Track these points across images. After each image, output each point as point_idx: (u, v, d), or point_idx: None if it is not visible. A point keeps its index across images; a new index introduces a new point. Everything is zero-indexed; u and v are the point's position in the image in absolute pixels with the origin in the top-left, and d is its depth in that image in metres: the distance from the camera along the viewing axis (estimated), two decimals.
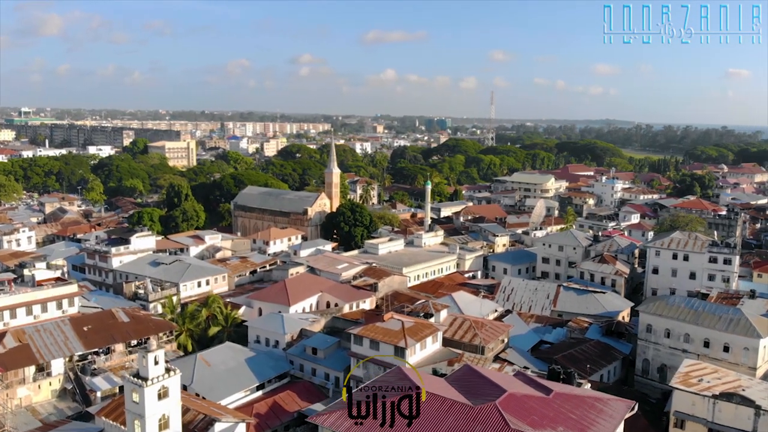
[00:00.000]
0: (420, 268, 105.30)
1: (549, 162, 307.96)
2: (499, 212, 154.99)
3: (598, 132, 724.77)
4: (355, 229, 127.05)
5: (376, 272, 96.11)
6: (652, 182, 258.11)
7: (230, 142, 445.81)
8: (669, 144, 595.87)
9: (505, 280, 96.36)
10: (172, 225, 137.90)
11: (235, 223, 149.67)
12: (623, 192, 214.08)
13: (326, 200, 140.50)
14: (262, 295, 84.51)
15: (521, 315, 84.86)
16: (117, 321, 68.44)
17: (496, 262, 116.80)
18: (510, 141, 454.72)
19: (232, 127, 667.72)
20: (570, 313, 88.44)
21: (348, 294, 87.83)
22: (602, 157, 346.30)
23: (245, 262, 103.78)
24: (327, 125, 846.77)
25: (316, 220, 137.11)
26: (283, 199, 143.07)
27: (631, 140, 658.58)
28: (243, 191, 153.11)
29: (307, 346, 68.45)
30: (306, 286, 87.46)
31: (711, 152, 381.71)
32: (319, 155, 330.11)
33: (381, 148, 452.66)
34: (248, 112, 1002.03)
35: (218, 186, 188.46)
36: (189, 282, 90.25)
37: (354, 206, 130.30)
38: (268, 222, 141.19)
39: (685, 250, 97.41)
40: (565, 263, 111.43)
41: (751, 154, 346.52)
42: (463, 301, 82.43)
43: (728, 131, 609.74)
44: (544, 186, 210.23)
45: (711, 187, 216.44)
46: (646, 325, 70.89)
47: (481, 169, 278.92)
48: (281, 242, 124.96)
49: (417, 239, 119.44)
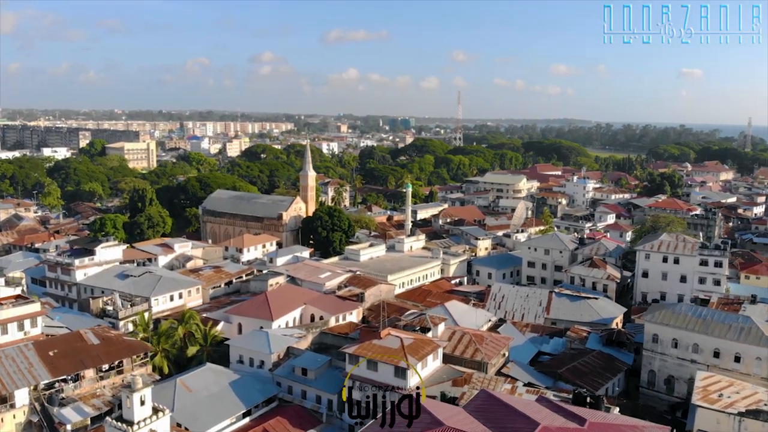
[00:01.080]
0: (405, 275, 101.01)
1: (517, 162, 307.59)
2: (477, 214, 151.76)
3: (559, 131, 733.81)
4: (333, 234, 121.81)
5: (361, 281, 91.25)
6: (620, 181, 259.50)
7: (191, 142, 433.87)
8: (629, 143, 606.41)
9: (495, 287, 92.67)
10: (136, 232, 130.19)
11: (204, 229, 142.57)
12: (594, 192, 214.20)
13: (301, 204, 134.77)
14: (242, 309, 78.75)
15: (515, 324, 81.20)
16: (86, 344, 61.95)
17: (480, 266, 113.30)
18: (475, 141, 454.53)
19: (192, 127, 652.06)
20: (564, 320, 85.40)
21: (333, 306, 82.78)
22: (568, 156, 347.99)
23: (219, 272, 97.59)
24: (290, 125, 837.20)
25: (292, 225, 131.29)
26: (256, 203, 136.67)
27: (592, 139, 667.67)
28: (212, 195, 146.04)
29: (296, 367, 63.26)
30: (288, 299, 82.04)
31: (673, 151, 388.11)
32: (286, 156, 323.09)
33: (347, 148, 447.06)
34: (207, 111, 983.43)
35: (183, 189, 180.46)
36: (161, 296, 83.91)
37: (332, 210, 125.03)
38: (239, 228, 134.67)
39: (676, 253, 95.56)
40: (552, 267, 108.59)
41: (712, 152, 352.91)
42: (457, 311, 78.36)
43: (686, 129, 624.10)
44: (517, 186, 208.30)
45: (680, 186, 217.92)
46: (652, 335, 67.90)
47: (451, 169, 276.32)
48: (255, 249, 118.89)
49: (399, 244, 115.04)
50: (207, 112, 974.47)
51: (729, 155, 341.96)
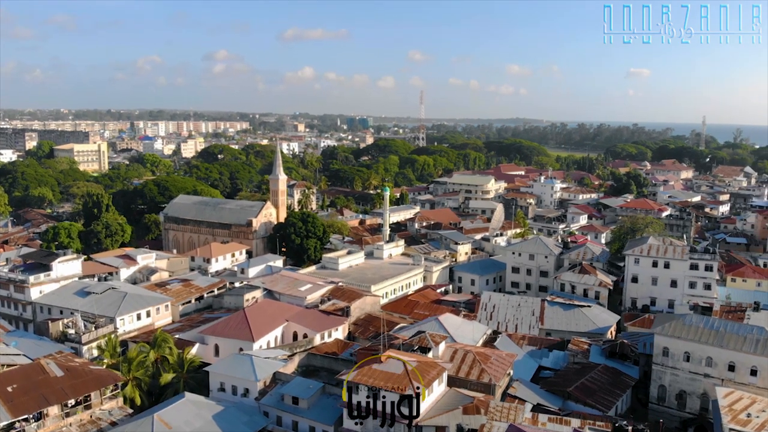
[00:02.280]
0: (388, 285, 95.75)
1: (480, 162, 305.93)
2: (452, 217, 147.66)
3: (515, 131, 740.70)
4: (308, 241, 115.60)
5: (345, 293, 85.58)
6: (582, 180, 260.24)
7: (143, 143, 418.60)
8: (583, 141, 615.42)
9: (485, 296, 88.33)
10: (93, 242, 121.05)
11: (166, 237, 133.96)
12: (562, 192, 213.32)
13: (272, 210, 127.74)
14: (219, 329, 72.10)
15: (511, 337, 76.96)
16: (48, 376, 54.65)
17: (462, 272, 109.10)
18: (436, 141, 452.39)
19: (143, 127, 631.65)
20: (559, 331, 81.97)
21: (317, 321, 76.90)
22: (529, 156, 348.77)
23: (189, 286, 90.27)
24: (245, 124, 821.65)
25: (262, 232, 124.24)
26: (223, 209, 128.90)
27: (547, 138, 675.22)
28: (174, 201, 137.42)
29: (286, 395, 57.27)
30: (269, 316, 75.80)
31: (630, 149, 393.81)
32: (245, 156, 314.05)
33: (307, 148, 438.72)
34: (158, 110, 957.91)
35: (140, 194, 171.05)
36: (127, 315, 76.50)
37: (305, 216, 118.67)
38: (205, 235, 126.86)
39: (666, 257, 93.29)
40: (537, 272, 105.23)
41: (669, 151, 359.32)
42: (451, 325, 73.40)
43: (639, 128, 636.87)
44: (485, 187, 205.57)
45: (646, 186, 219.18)
46: (662, 349, 64.47)
47: (416, 169, 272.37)
48: (224, 259, 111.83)
49: (378, 251, 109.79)
50: (158, 111, 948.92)
51: (685, 154, 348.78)
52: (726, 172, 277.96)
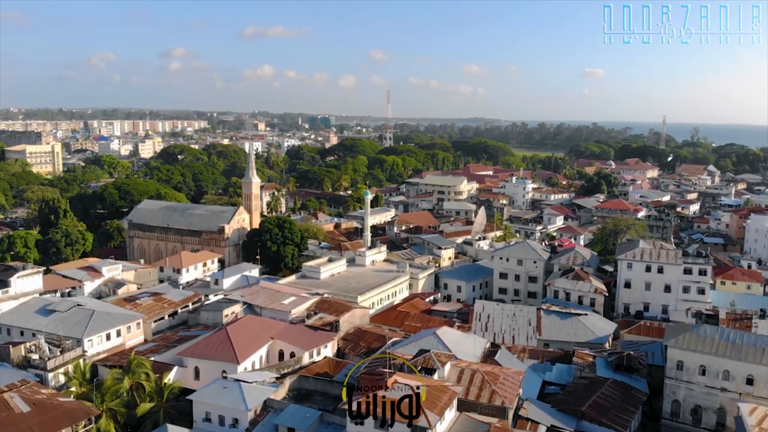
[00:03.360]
0: (375, 295, 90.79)
1: (449, 162, 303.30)
2: (431, 220, 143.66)
3: (476, 130, 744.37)
4: (285, 248, 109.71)
5: (331, 306, 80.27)
6: (551, 180, 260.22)
7: (99, 143, 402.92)
8: (544, 141, 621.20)
9: (478, 305, 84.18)
10: (52, 251, 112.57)
11: (130, 245, 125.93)
12: (533, 192, 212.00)
13: (245, 215, 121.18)
14: (200, 350, 65.92)
15: (511, 350, 72.93)
16: (13, 412, 48.24)
17: (448, 279, 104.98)
18: (401, 140, 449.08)
19: (98, 127, 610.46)
20: (557, 341, 78.36)
21: (305, 338, 71.41)
22: (496, 156, 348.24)
23: (161, 300, 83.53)
24: (203, 122, 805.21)
25: (235, 239, 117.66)
26: (192, 215, 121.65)
27: (509, 138, 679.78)
28: (139, 206, 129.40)
29: (281, 426, 51.88)
30: (253, 333, 69.96)
31: (594, 149, 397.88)
32: (207, 157, 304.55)
33: (270, 147, 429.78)
34: (112, 109, 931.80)
35: (99, 198, 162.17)
36: (95, 335, 69.53)
37: (281, 221, 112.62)
38: (173, 243, 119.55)
39: (660, 262, 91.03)
40: (525, 278, 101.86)
41: (631, 150, 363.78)
42: (450, 339, 69.02)
43: (598, 127, 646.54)
44: (458, 188, 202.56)
45: (616, 185, 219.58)
46: (677, 362, 61.34)
47: (385, 170, 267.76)
48: (195, 269, 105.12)
49: (360, 257, 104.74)
50: (112, 110, 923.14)
51: (648, 152, 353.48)
52: (690, 171, 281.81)
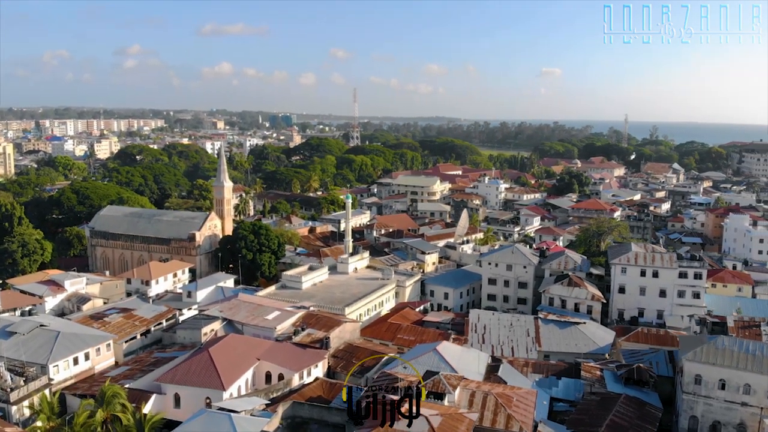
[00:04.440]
0: (362, 306, 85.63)
1: (417, 162, 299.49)
2: (410, 223, 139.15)
3: (439, 129, 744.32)
4: (261, 255, 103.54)
5: (319, 320, 74.83)
6: (519, 179, 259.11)
7: (52, 144, 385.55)
8: (506, 140, 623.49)
9: (473, 316, 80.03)
10: (8, 262, 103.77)
11: (93, 254, 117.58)
12: (506, 192, 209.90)
13: (217, 221, 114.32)
14: (180, 375, 59.74)
15: (513, 363, 68.89)
16: None
17: (435, 286, 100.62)
18: (367, 139, 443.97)
19: (50, 126, 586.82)
20: (558, 353, 74.87)
21: (293, 358, 65.92)
22: (463, 155, 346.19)
23: (131, 317, 76.66)
24: (159, 121, 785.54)
25: (207, 247, 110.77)
26: (160, 221, 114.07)
27: (471, 137, 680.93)
28: (102, 212, 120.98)
29: None
30: (237, 354, 64.12)
31: (558, 147, 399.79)
32: (167, 157, 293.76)
33: (231, 146, 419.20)
34: (64, 108, 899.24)
35: (56, 203, 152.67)
36: (62, 360, 62.59)
37: (257, 227, 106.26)
38: (139, 252, 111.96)
39: (655, 266, 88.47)
40: (515, 284, 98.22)
41: (596, 149, 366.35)
42: (452, 356, 64.37)
43: (559, 126, 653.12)
44: (431, 189, 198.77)
45: (587, 185, 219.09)
46: (694, 376, 58.09)
47: (354, 170, 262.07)
48: (165, 280, 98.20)
49: (342, 265, 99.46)
50: (64, 109, 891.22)
51: (611, 151, 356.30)
52: (655, 169, 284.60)
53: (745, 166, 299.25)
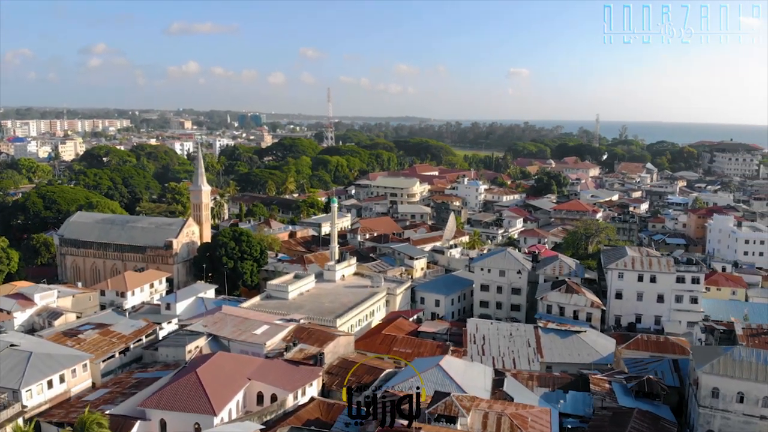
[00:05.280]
0: (353, 317, 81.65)
1: (394, 163, 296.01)
2: (394, 226, 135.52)
3: (411, 129, 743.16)
4: (243, 263, 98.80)
5: (312, 334, 70.63)
6: (496, 180, 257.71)
7: (15, 145, 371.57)
8: (477, 140, 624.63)
9: (471, 325, 76.91)
10: None
11: (62, 263, 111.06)
12: (485, 193, 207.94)
13: (194, 227, 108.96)
14: (166, 399, 55.01)
15: (517, 377, 65.79)
16: None
17: (425, 293, 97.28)
18: (340, 139, 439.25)
19: (12, 127, 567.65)
20: (561, 363, 72.18)
21: (286, 376, 61.61)
22: (438, 155, 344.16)
23: (108, 334, 71.35)
24: (125, 121, 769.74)
25: (184, 255, 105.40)
26: (134, 228, 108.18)
27: (443, 137, 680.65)
28: (72, 219, 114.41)
29: None
30: (227, 374, 59.60)
31: (531, 148, 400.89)
32: (135, 158, 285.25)
33: (200, 147, 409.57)
34: (26, 108, 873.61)
35: (21, 208, 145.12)
36: (35, 384, 57.27)
37: (238, 233, 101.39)
38: (113, 261, 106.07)
39: (652, 271, 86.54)
40: (508, 290, 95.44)
41: (568, 149, 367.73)
42: (456, 371, 60.99)
43: (530, 126, 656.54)
44: (411, 190, 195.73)
45: (566, 185, 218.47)
46: (711, 390, 55.74)
47: (329, 170, 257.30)
48: (141, 291, 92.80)
49: (329, 272, 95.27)
50: (26, 109, 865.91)
51: (584, 151, 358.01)
52: (629, 169, 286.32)
53: (716, 165, 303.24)
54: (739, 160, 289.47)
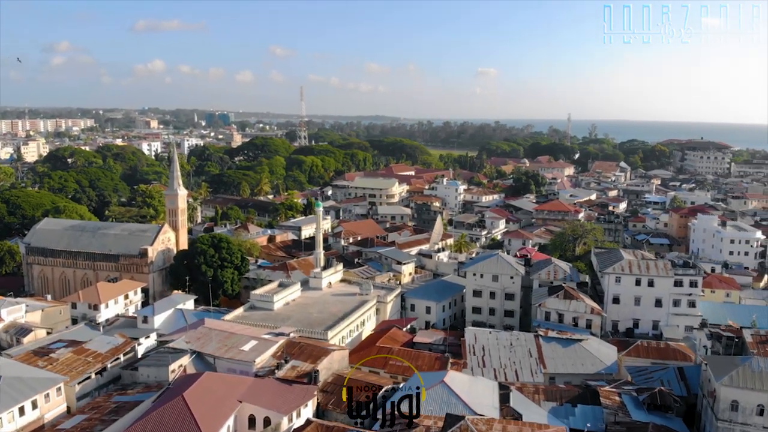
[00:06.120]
0: (344, 328, 77.55)
1: (369, 163, 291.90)
2: (378, 229, 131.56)
3: (383, 128, 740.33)
4: (223, 272, 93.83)
5: (303, 350, 66.32)
6: (473, 180, 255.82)
7: None
8: (449, 139, 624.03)
9: (469, 335, 73.60)
10: None
11: (29, 273, 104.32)
12: (465, 194, 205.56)
13: (170, 233, 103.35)
14: (151, 427, 50.17)
15: (522, 390, 62.59)
16: None
17: (415, 299, 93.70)
18: (313, 139, 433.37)
19: None
20: (565, 374, 69.38)
21: (279, 397, 57.28)
22: (413, 155, 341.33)
23: (83, 352, 65.92)
24: (89, 121, 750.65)
25: (160, 263, 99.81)
26: (106, 235, 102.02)
27: (415, 136, 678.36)
28: (39, 226, 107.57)
29: None
30: (216, 398, 55.01)
31: (504, 147, 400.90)
32: (102, 160, 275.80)
33: (169, 146, 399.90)
34: None
35: None
36: (5, 412, 52.00)
37: (217, 240, 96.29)
38: (83, 270, 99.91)
39: (650, 275, 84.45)
40: (501, 296, 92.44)
41: (541, 148, 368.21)
42: (461, 387, 57.39)
43: (501, 125, 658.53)
44: (390, 191, 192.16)
45: (544, 185, 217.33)
46: (731, 403, 53.32)
47: (304, 171, 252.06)
48: (115, 303, 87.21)
49: (315, 280, 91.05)
50: None
51: (557, 150, 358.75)
52: (603, 168, 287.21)
53: (688, 163, 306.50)
54: (710, 158, 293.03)
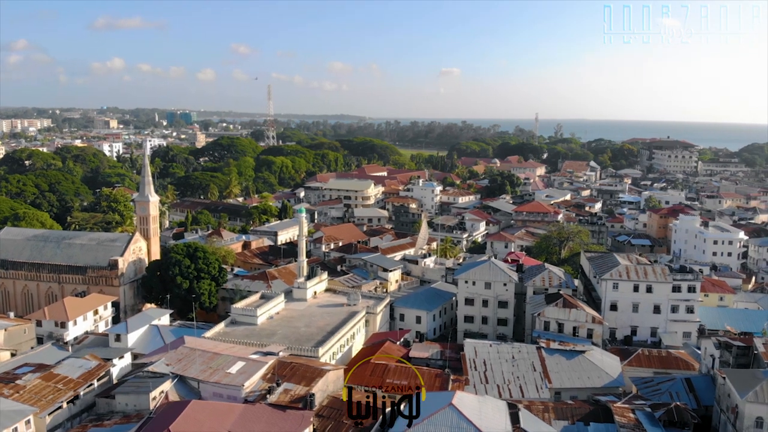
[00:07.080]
0: (335, 343, 72.83)
1: (340, 163, 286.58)
2: (359, 234, 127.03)
3: (350, 128, 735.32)
4: (200, 283, 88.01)
5: (296, 371, 61.40)
6: (446, 180, 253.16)
7: None
8: (417, 139, 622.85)
9: (469, 348, 69.75)
10: None
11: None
12: (441, 195, 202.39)
13: (142, 243, 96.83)
14: None
15: (530, 408, 58.92)
16: None
17: (405, 308, 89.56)
18: (280, 139, 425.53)
19: None
20: (570, 389, 66.09)
21: (273, 425, 52.29)
22: (384, 155, 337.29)
23: (52, 378, 59.81)
24: (46, 121, 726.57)
25: (131, 275, 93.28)
26: (72, 245, 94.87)
27: (382, 136, 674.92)
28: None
29: None
30: (205, 429, 49.85)
31: (473, 147, 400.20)
32: (61, 162, 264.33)
33: (130, 147, 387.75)
34: None
35: None
36: None
37: (192, 249, 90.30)
38: (48, 284, 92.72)
39: (649, 280, 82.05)
40: (495, 304, 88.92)
41: (511, 147, 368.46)
42: (469, 409, 53.02)
43: (467, 125, 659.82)
44: (365, 192, 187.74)
45: (518, 185, 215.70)
46: (755, 420, 50.62)
47: (274, 172, 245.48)
48: (84, 319, 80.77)
49: (299, 290, 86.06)
50: None
51: (527, 150, 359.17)
52: (574, 167, 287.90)
53: (656, 162, 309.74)
54: (678, 157, 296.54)
